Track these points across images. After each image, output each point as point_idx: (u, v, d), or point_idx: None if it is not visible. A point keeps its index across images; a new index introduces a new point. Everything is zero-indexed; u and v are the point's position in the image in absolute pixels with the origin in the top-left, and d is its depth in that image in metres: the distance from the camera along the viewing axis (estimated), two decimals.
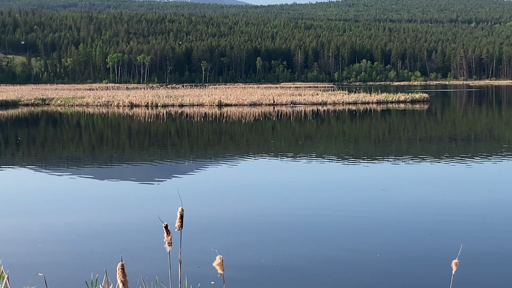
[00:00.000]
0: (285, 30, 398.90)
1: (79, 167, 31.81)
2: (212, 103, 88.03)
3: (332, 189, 23.55)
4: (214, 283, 12.26)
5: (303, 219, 18.33)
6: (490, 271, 13.40)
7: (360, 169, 29.27)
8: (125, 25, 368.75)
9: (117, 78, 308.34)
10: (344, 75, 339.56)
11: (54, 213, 19.67)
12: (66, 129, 55.50)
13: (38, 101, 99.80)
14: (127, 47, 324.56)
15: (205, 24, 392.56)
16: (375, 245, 15.36)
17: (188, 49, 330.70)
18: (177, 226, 6.15)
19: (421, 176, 26.84)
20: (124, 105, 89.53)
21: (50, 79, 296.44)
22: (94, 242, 16.04)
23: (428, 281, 12.73)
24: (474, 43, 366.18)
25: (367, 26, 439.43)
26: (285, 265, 13.82)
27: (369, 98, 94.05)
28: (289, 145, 41.84)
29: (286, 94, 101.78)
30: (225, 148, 39.94)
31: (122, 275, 5.62)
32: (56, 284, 11.44)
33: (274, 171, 28.88)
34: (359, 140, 44.43)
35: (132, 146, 41.92)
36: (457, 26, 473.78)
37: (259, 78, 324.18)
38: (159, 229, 6.27)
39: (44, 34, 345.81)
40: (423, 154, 34.91)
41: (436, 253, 14.62)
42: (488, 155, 33.58)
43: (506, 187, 23.70)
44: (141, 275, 10.09)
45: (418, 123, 57.91)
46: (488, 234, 16.48)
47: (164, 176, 27.74)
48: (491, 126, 56.05)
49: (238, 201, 21.31)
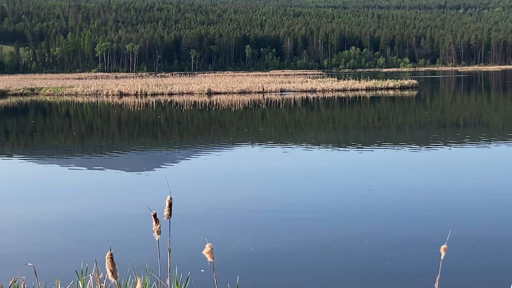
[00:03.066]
0: (274, 17, 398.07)
1: (69, 156, 31.75)
2: (201, 91, 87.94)
3: (321, 176, 23.60)
4: (204, 271, 12.30)
5: (292, 206, 18.38)
6: (479, 256, 13.50)
7: (349, 156, 29.36)
8: (113, 13, 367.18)
9: (106, 67, 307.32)
10: (333, 62, 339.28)
11: (43, 202, 19.66)
12: (56, 118, 55.34)
13: (27, 90, 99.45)
14: (115, 36, 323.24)
15: (193, 12, 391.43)
16: (364, 231, 15.44)
17: (177, 38, 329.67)
18: (166, 215, 6.17)
19: (409, 162, 26.93)
20: (113, 94, 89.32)
21: (39, 68, 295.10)
22: (84, 231, 16.05)
23: (417, 267, 12.82)
24: (463, 29, 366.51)
25: (356, 13, 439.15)
26: (274, 253, 13.88)
27: (358, 85, 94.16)
28: (278, 132, 41.86)
29: (275, 82, 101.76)
30: (214, 137, 39.95)
31: (111, 264, 5.64)
32: (46, 274, 11.46)
33: (263, 159, 28.91)
34: (349, 127, 44.52)
35: (121, 135, 41.87)
36: (446, 12, 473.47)
37: (248, 66, 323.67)
38: (148, 218, 6.30)
39: (32, 23, 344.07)
40: (412, 140, 35.02)
41: (425, 239, 14.71)
42: (477, 141, 33.71)
43: (495, 173, 23.81)
44: (131, 263, 10.10)
45: (407, 109, 58.03)
46: (476, 220, 16.58)
47: (153, 165, 27.74)
48: (480, 112, 56.23)
49: (227, 189, 21.34)
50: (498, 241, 14.61)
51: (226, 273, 11.86)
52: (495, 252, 13.77)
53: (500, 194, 19.67)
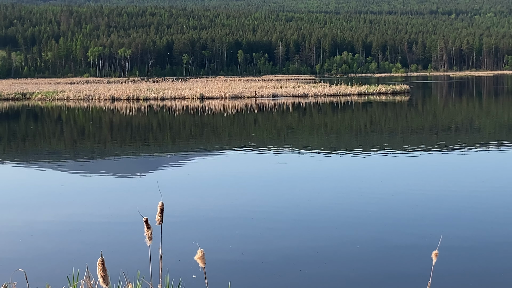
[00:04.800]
0: (266, 22, 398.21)
1: (60, 161, 31.67)
2: (193, 96, 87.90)
3: (313, 181, 23.60)
4: (196, 276, 12.29)
5: (284, 211, 18.39)
6: (470, 261, 13.53)
7: (340, 161, 29.39)
8: (105, 18, 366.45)
9: (98, 72, 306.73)
10: (325, 67, 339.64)
11: (34, 208, 19.60)
12: (47, 123, 55.21)
13: (19, 95, 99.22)
14: (107, 41, 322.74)
15: (186, 17, 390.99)
16: (355, 236, 15.46)
17: (169, 42, 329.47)
18: (157, 220, 6.18)
19: (401, 167, 26.98)
20: (105, 99, 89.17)
21: (31, 73, 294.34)
22: (76, 236, 16.02)
23: (408, 272, 12.84)
24: (454, 35, 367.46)
25: (348, 18, 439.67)
26: (266, 258, 13.88)
27: (350, 90, 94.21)
28: (270, 138, 41.89)
29: (267, 87, 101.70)
30: (206, 142, 39.92)
31: (102, 270, 5.64)
32: (37, 279, 11.43)
33: (255, 164, 28.91)
34: (341, 132, 44.57)
35: (113, 140, 41.80)
36: (437, 17, 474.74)
37: (240, 71, 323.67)
38: (140, 223, 6.30)
39: (24, 28, 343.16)
40: (404, 145, 35.08)
41: (416, 244, 14.74)
42: (468, 146, 33.81)
43: (486, 177, 23.85)
44: (123, 269, 10.10)
45: (399, 114, 58.15)
46: (468, 225, 16.62)
47: (145, 170, 27.70)
48: (472, 117, 56.38)
49: (219, 194, 21.32)
50: (489, 245, 14.65)
51: (217, 279, 11.86)
52: (486, 256, 13.81)
53: (491, 199, 19.72)
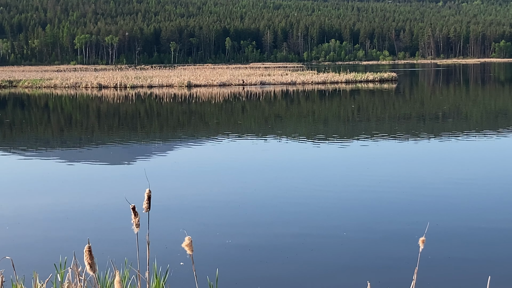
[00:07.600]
0: (254, 10, 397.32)
1: (47, 149, 31.58)
2: (181, 84, 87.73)
3: (300, 169, 23.62)
4: (183, 264, 12.30)
5: (271, 198, 18.41)
6: (456, 247, 13.59)
7: (328, 148, 29.44)
8: (92, 5, 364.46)
9: (85, 60, 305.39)
10: (313, 55, 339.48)
11: (21, 195, 19.54)
12: (34, 111, 54.98)
13: (5, 83, 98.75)
14: (94, 28, 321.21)
15: (173, 5, 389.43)
16: (342, 224, 15.50)
17: (157, 30, 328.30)
18: (145, 208, 6.17)
19: (388, 154, 27.04)
20: (92, 87, 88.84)
21: (17, 60, 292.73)
22: (63, 224, 15.99)
23: (395, 259, 12.89)
24: (442, 22, 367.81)
25: (336, 5, 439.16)
26: (253, 245, 13.90)
27: (338, 77, 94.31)
28: (258, 125, 41.88)
29: (255, 75, 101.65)
30: (194, 129, 39.88)
31: (89, 258, 5.63)
32: (24, 267, 11.41)
33: (242, 152, 28.92)
34: (328, 120, 44.62)
35: (100, 127, 41.69)
36: (425, 5, 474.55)
37: (228, 59, 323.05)
38: (127, 211, 6.29)
39: (10, 15, 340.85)
40: (391, 133, 35.17)
41: (403, 231, 14.80)
42: (455, 133, 33.91)
43: (474, 165, 23.95)
44: (110, 256, 10.10)
45: (386, 102, 58.24)
46: (455, 212, 16.68)
47: (132, 158, 27.67)
48: (459, 105, 56.55)
49: (206, 182, 21.31)
50: (475, 232, 14.72)
51: (205, 266, 11.87)
52: (473, 243, 13.88)
53: (479, 186, 19.80)
